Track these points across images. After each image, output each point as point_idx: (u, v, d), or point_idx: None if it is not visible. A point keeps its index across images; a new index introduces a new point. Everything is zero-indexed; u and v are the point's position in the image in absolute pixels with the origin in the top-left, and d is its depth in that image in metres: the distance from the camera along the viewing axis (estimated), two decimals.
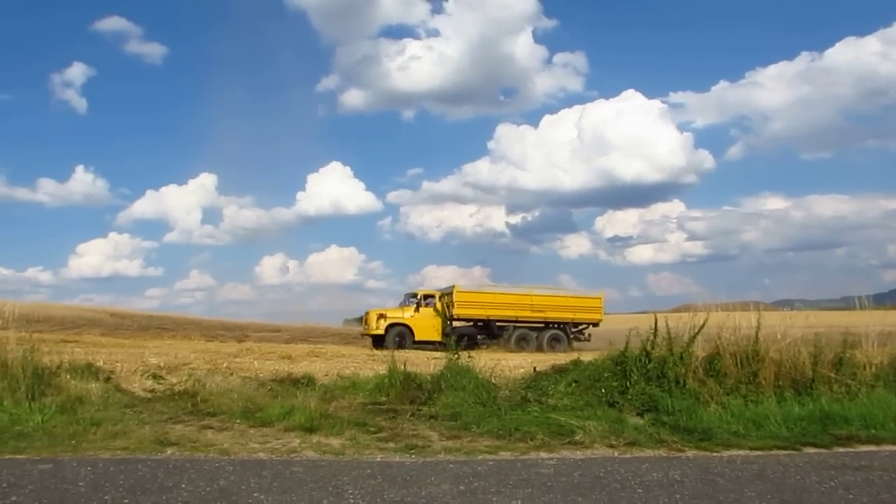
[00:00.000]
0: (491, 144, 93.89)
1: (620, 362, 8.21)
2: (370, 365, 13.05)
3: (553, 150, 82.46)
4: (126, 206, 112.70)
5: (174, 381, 9.93)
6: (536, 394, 8.10)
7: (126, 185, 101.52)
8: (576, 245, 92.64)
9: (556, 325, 25.57)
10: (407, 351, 19.66)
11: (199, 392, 8.67)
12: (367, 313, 24.98)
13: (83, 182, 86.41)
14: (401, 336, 23.86)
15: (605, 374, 8.16)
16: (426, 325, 24.41)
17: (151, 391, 9.26)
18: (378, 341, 23.74)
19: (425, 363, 14.00)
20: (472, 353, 16.70)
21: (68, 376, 8.92)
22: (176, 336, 27.92)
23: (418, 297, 25.12)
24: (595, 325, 25.98)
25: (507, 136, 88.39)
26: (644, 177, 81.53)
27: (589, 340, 25.31)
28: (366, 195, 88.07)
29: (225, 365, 12.59)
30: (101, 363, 11.09)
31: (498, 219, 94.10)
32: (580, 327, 25.89)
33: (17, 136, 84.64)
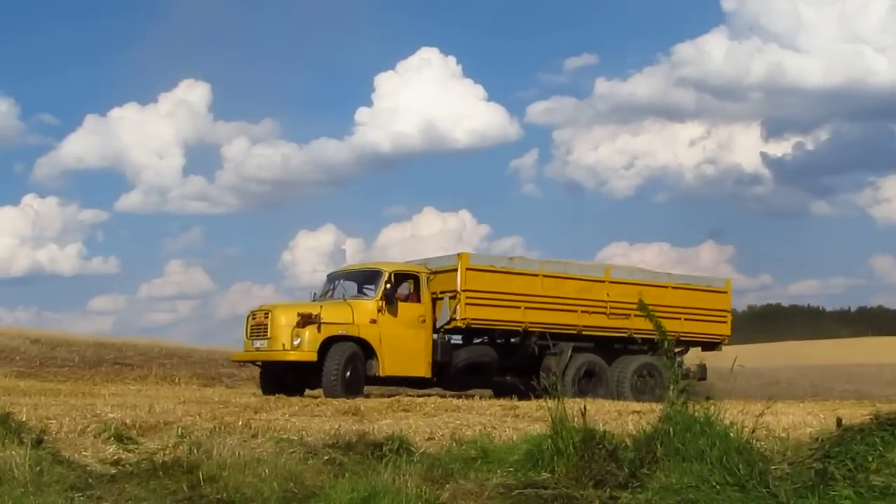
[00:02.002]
0: (729, 2, 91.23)
1: None
2: (509, 422, 13.31)
3: (854, 13, 79.26)
4: (51, 146, 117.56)
5: (153, 446, 10.06)
6: (846, 467, 7.78)
7: (50, 109, 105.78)
8: None
9: (642, 345, 23.93)
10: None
11: (202, 464, 8.76)
12: (268, 314, 21.18)
13: None
14: (353, 365, 20.36)
15: None
16: (402, 341, 21.26)
17: (116, 462, 9.40)
18: (298, 376, 20.94)
19: (605, 413, 13.94)
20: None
21: None
22: (148, 377, 28.53)
23: (385, 277, 21.63)
24: (717, 346, 25.79)
25: None
26: None
27: (704, 378, 24.32)
28: (488, 109, 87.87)
29: (241, 422, 12.69)
30: (25, 417, 11.31)
31: (747, 149, 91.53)
32: (678, 351, 25.03)
33: None
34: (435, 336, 22.07)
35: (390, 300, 21.20)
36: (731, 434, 8.43)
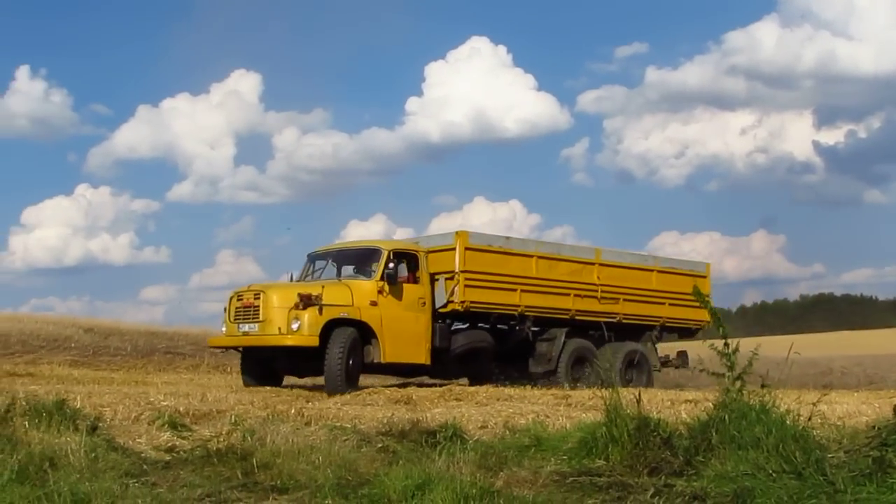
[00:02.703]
0: None
1: None
2: (562, 411, 13.27)
3: None
4: (104, 136, 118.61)
5: (207, 433, 10.19)
6: None
7: (103, 100, 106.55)
8: None
9: (631, 331, 23.92)
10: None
11: (255, 451, 8.84)
12: (259, 295, 19.07)
13: (29, 95, 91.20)
14: (352, 350, 18.60)
15: None
16: (403, 325, 19.74)
17: (170, 449, 9.52)
18: (290, 363, 19.67)
19: (658, 402, 13.91)
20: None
21: (26, 423, 9.12)
22: (200, 366, 28.71)
23: (384, 256, 20.03)
24: (694, 332, 25.12)
25: None
26: None
27: (686, 366, 24.09)
28: (538, 98, 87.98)
29: (293, 411, 12.85)
30: (80, 404, 11.44)
31: (798, 138, 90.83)
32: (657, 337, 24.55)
33: None
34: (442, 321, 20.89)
35: (392, 281, 19.61)
36: (787, 422, 8.39)
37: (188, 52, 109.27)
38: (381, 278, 19.56)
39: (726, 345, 9.21)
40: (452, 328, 21.15)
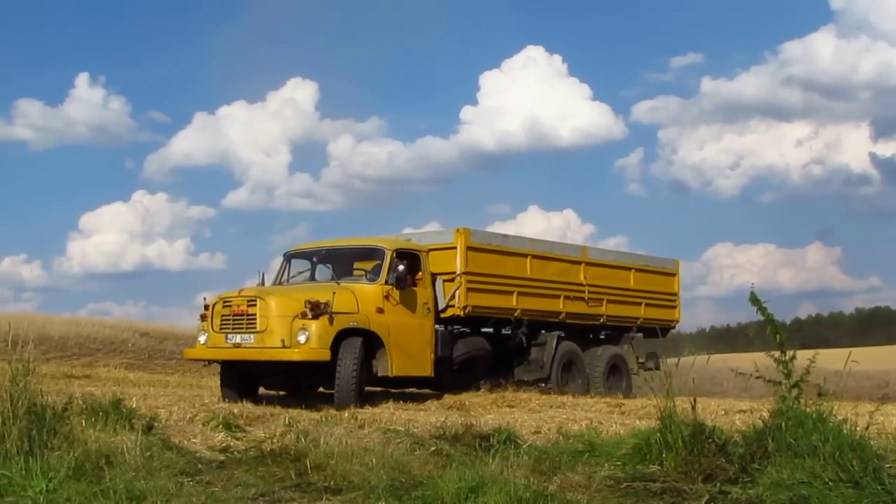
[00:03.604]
0: (837, 2, 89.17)
1: None
2: (616, 419, 13.34)
3: None
4: (161, 143, 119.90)
5: (261, 434, 10.26)
6: None
7: (161, 107, 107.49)
8: None
9: (610, 332, 22.67)
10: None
11: (309, 453, 8.88)
12: (255, 301, 16.22)
13: (88, 102, 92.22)
14: (362, 363, 16.32)
15: None
16: (409, 333, 17.58)
17: (224, 450, 9.59)
18: (293, 377, 17.15)
19: (711, 412, 13.85)
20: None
21: (83, 421, 9.23)
22: None
23: (388, 257, 17.68)
24: (665, 332, 24.04)
25: None
26: None
27: (658, 368, 22.23)
28: (593, 108, 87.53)
29: (347, 414, 12.98)
30: (135, 405, 11.59)
31: (855, 149, 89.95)
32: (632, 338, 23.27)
33: None
34: (438, 327, 18.62)
35: (402, 284, 17.40)
36: (845, 431, 8.33)
37: (245, 60, 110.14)
38: (387, 282, 17.26)
39: (783, 352, 9.14)
40: (454, 334, 19.04)
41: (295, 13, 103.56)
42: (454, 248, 18.95)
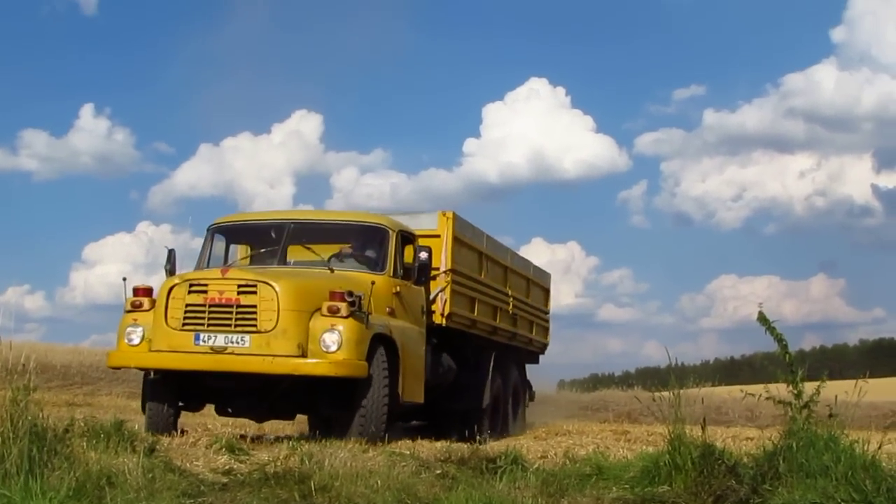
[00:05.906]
0: (839, 33, 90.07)
1: None
2: (622, 444, 13.35)
3: None
4: (165, 174, 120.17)
5: (265, 457, 10.14)
6: None
7: (165, 138, 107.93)
8: None
9: (512, 354, 18.51)
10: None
11: (314, 475, 8.78)
12: (254, 288, 11.73)
13: (93, 133, 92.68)
14: (390, 379, 12.43)
15: None
16: (415, 343, 13.60)
17: (227, 472, 9.46)
18: (292, 399, 12.69)
19: (717, 438, 13.84)
20: None
21: (84, 443, 9.16)
22: None
23: (392, 239, 13.66)
24: (536, 356, 20.65)
25: (873, 15, 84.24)
26: None
27: (532, 399, 19.94)
28: (597, 140, 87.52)
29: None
30: (138, 428, 11.50)
31: (858, 181, 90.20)
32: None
33: None
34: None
35: (423, 278, 13.72)
36: (857, 450, 8.31)
37: (251, 92, 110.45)
38: (394, 273, 13.38)
39: (793, 372, 9.11)
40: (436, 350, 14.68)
41: (300, 47, 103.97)
42: (438, 236, 14.89)
